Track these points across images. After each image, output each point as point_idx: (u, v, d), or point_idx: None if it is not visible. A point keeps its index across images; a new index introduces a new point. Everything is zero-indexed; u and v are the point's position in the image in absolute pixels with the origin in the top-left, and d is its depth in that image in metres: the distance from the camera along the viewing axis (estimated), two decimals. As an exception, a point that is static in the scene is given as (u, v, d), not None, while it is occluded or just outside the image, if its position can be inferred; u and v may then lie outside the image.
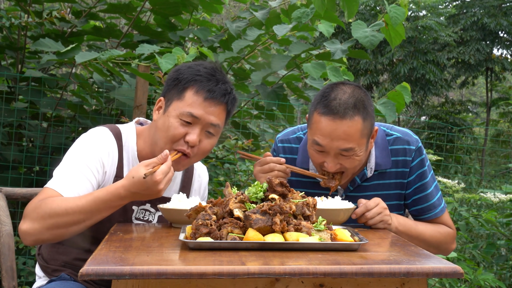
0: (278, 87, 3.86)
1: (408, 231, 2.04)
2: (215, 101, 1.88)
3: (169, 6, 3.81)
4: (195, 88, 1.88)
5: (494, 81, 17.76)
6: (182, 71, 1.93)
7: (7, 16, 3.56)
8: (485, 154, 15.29)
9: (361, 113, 1.94)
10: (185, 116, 1.87)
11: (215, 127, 1.91)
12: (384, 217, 1.94)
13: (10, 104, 3.88)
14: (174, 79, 1.93)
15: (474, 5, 16.37)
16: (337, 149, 1.95)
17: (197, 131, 1.88)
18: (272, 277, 1.30)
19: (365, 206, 1.94)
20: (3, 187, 2.23)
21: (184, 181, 2.13)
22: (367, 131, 1.97)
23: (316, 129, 1.97)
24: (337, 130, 1.93)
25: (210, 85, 1.89)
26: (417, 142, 2.13)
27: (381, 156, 2.12)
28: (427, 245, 2.08)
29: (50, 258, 1.99)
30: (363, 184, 2.15)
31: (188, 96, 1.88)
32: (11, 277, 2.09)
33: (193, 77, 1.90)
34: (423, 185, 2.14)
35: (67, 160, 1.87)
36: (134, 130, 2.01)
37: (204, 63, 1.97)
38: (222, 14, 7.40)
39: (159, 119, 1.93)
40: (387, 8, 3.00)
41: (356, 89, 2.00)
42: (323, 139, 1.95)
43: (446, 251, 2.19)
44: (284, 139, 2.26)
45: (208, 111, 1.88)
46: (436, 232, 2.13)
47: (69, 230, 1.73)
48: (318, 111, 1.97)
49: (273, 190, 1.62)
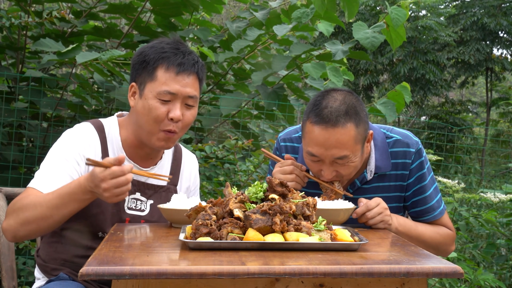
0: (278, 87, 3.86)
1: (408, 232, 2.05)
2: (186, 72, 1.91)
3: (170, 6, 3.81)
4: (165, 66, 1.90)
5: (494, 81, 17.76)
6: (147, 52, 1.94)
7: (7, 16, 3.56)
8: (485, 154, 15.29)
9: (353, 119, 1.93)
10: (163, 95, 1.89)
11: (193, 98, 1.94)
12: (384, 217, 1.95)
13: (10, 104, 3.88)
14: (141, 61, 1.94)
15: (474, 5, 16.36)
16: (331, 157, 1.94)
17: (178, 106, 1.91)
18: (272, 277, 1.30)
19: (366, 205, 1.95)
20: (3, 187, 2.23)
21: (173, 169, 2.13)
22: (361, 137, 1.96)
23: (310, 139, 1.96)
24: (330, 139, 1.91)
25: (178, 59, 1.91)
26: (417, 144, 2.12)
27: (381, 158, 2.11)
28: (427, 246, 2.08)
29: (49, 258, 1.99)
30: (363, 187, 2.15)
31: (160, 74, 1.90)
32: (11, 277, 2.10)
33: (160, 55, 1.91)
34: (422, 187, 2.14)
35: (47, 158, 1.91)
36: (116, 121, 2.04)
37: (165, 39, 1.99)
38: (222, 14, 7.41)
39: (136, 104, 1.95)
40: (388, 9, 3.00)
41: (347, 95, 1.99)
42: (317, 149, 1.94)
43: (445, 253, 2.20)
44: (286, 138, 2.26)
45: (183, 84, 1.91)
46: (436, 234, 2.14)
47: (40, 226, 1.77)
48: (310, 120, 1.96)
49: (273, 190, 1.62)
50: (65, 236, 1.96)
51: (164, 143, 1.94)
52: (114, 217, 1.96)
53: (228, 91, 4.41)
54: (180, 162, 2.16)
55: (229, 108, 3.97)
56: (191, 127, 4.14)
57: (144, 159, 2.03)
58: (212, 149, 3.71)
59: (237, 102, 3.97)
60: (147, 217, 2.02)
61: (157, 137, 1.92)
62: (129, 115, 2.04)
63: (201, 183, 3.83)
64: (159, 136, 1.92)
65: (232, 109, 4.05)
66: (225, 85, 4.52)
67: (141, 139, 1.96)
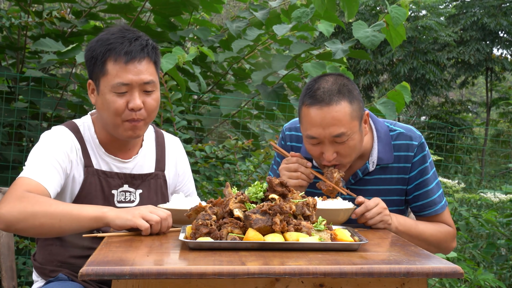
0: (278, 87, 3.86)
1: (408, 231, 2.05)
2: (136, 59, 1.87)
3: (169, 6, 3.81)
4: (113, 58, 1.86)
5: (494, 81, 17.75)
6: (94, 47, 1.91)
7: (7, 16, 3.56)
8: (485, 154, 15.28)
9: (346, 97, 1.97)
10: (117, 87, 1.86)
11: (150, 83, 1.90)
12: (384, 217, 1.95)
13: (10, 104, 3.88)
14: (91, 58, 1.91)
15: (474, 5, 16.35)
16: (330, 136, 1.96)
17: (137, 95, 1.87)
18: (272, 277, 1.30)
19: (365, 206, 1.95)
20: (3, 187, 2.23)
21: (158, 155, 2.12)
22: (356, 114, 1.98)
23: (307, 122, 1.99)
24: (326, 117, 1.94)
25: (124, 47, 1.87)
26: (420, 138, 2.14)
27: (383, 150, 2.13)
28: (428, 244, 2.08)
29: (46, 261, 1.98)
30: (364, 178, 2.15)
31: (110, 68, 1.86)
32: (10, 277, 2.10)
33: (106, 48, 1.87)
34: (424, 181, 2.14)
35: (34, 156, 1.88)
36: (90, 120, 2.03)
37: (111, 30, 1.95)
38: (222, 14, 7.40)
39: (97, 101, 1.94)
40: (388, 8, 3.00)
41: (338, 77, 2.03)
42: (315, 130, 1.97)
43: (447, 250, 2.20)
44: (291, 127, 2.29)
45: (135, 72, 1.86)
46: (437, 231, 2.14)
47: (43, 227, 1.69)
48: (305, 103, 1.99)
49: (273, 190, 1.62)
50: (61, 238, 1.95)
51: (132, 132, 1.91)
52: None
53: (228, 91, 4.42)
54: (164, 147, 2.15)
55: (229, 108, 3.96)
56: (191, 127, 4.15)
57: (122, 151, 2.03)
58: (212, 149, 3.71)
59: (237, 102, 3.97)
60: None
61: (122, 128, 1.91)
62: (96, 114, 2.03)
63: (201, 183, 3.83)
64: (125, 126, 1.90)
65: (232, 109, 4.05)
66: (225, 85, 4.52)
67: (111, 135, 1.97)
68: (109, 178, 1.97)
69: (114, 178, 1.98)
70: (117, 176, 1.99)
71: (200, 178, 3.72)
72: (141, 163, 2.05)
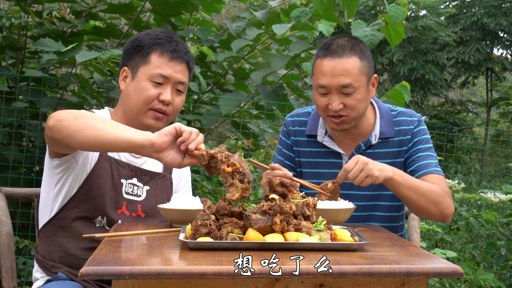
0: (278, 87, 3.86)
1: (405, 181, 2.01)
2: (179, 60, 2.03)
3: (169, 6, 3.81)
4: (159, 51, 2.01)
5: (494, 81, 17.75)
6: (141, 38, 2.05)
7: (7, 16, 3.56)
8: (485, 154, 15.27)
9: (358, 54, 2.12)
10: (156, 77, 1.99)
11: (183, 84, 2.05)
12: (368, 171, 1.92)
13: (10, 104, 3.88)
14: (136, 46, 2.04)
15: (474, 5, 16.35)
16: (338, 85, 2.08)
17: (169, 90, 2.01)
18: (272, 277, 1.30)
19: (343, 169, 1.96)
20: (3, 187, 2.23)
21: None
22: (365, 70, 2.12)
23: (318, 72, 2.13)
24: (337, 67, 2.08)
25: (172, 46, 2.03)
26: (419, 116, 2.29)
27: (385, 126, 2.25)
28: (426, 200, 2.04)
29: (47, 253, 1.99)
30: (367, 151, 2.23)
31: (154, 59, 2.00)
32: (11, 277, 2.10)
33: (155, 41, 2.03)
34: (420, 148, 2.23)
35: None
36: (108, 113, 2.11)
37: (158, 29, 2.11)
38: (222, 14, 7.41)
39: (128, 86, 2.03)
40: (387, 7, 3.00)
41: (353, 38, 2.20)
42: (325, 79, 2.09)
43: (446, 209, 2.09)
44: (294, 114, 2.41)
45: (175, 70, 2.02)
46: (434, 187, 2.08)
47: (86, 129, 1.66)
48: (319, 56, 2.14)
49: (273, 190, 1.63)
50: (64, 228, 1.96)
51: (154, 121, 2.01)
52: (112, 201, 1.98)
53: (228, 91, 4.42)
54: None
55: (229, 108, 3.96)
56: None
57: None
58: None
59: (237, 102, 3.97)
60: (143, 202, 2.05)
61: (146, 116, 2.00)
62: (119, 103, 2.09)
63: (201, 183, 3.83)
64: (148, 114, 2.00)
65: (232, 109, 4.05)
66: (225, 85, 4.52)
67: (130, 122, 1.99)
68: (120, 167, 2.03)
69: (125, 168, 2.04)
70: (128, 167, 2.04)
71: (200, 178, 3.72)
72: (151, 161, 2.10)
